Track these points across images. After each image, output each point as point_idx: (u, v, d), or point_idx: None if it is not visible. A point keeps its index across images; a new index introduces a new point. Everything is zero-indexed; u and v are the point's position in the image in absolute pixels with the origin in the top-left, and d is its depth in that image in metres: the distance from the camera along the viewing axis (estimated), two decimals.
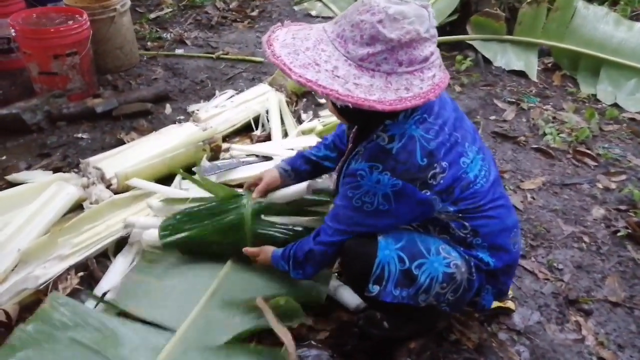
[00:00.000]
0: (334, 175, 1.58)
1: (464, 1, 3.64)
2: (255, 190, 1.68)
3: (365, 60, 1.10)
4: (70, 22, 2.91)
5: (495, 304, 1.79)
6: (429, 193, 1.25)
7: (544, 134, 2.80)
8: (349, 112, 1.19)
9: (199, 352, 1.39)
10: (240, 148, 2.47)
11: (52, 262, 1.73)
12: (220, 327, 1.47)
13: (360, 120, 1.35)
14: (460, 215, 1.33)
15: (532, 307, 1.84)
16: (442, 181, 1.26)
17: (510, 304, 1.82)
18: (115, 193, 2.11)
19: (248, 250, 1.62)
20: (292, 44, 1.14)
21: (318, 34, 1.16)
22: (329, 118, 2.82)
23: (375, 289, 1.31)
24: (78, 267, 1.77)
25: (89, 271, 1.78)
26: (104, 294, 1.68)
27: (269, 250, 1.60)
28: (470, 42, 3.56)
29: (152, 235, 1.73)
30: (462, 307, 1.54)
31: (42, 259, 1.77)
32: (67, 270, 1.73)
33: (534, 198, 2.37)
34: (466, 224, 1.35)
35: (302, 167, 1.71)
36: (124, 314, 1.52)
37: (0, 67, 3.40)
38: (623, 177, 2.53)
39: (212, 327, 1.48)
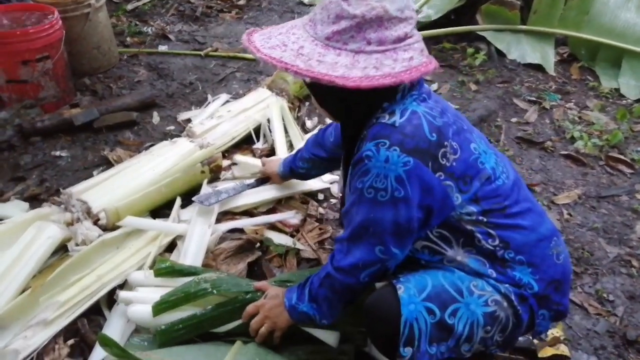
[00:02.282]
0: (339, 183, 1.50)
1: None
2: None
3: (331, 38, 1.08)
4: (40, 23, 2.55)
5: (548, 351, 1.61)
6: (443, 176, 1.12)
7: (572, 138, 2.58)
8: (332, 106, 1.22)
9: None
10: (243, 166, 2.20)
11: (34, 328, 1.45)
12: None
13: (355, 114, 1.22)
14: (485, 220, 1.16)
15: (587, 350, 1.63)
16: (454, 163, 1.14)
17: (563, 349, 1.61)
18: (105, 229, 1.83)
19: (248, 311, 1.39)
20: (268, 32, 1.17)
21: (294, 22, 1.18)
22: None
23: (407, 352, 1.12)
24: (67, 332, 1.49)
25: (80, 336, 1.50)
26: None
27: (278, 291, 1.38)
28: (481, 33, 3.29)
29: (141, 312, 1.44)
30: (513, 345, 1.38)
31: (22, 321, 1.49)
32: (54, 338, 1.45)
33: (570, 215, 2.15)
34: (493, 232, 1.17)
35: (301, 168, 1.86)
36: None
37: None
38: None
39: None
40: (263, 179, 2.06)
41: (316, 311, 1.27)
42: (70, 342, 1.46)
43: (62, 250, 1.77)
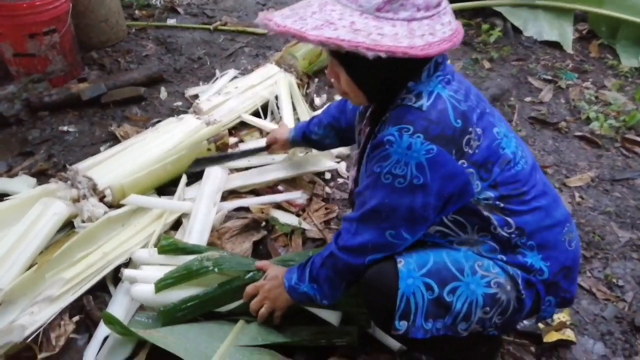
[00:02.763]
0: (352, 169, 1.39)
1: None
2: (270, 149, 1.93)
3: (381, 9, 0.99)
4: None
5: (554, 335, 1.59)
6: (465, 164, 1.09)
7: (588, 119, 2.51)
8: (369, 85, 1.13)
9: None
10: (249, 146, 2.18)
11: (40, 304, 1.46)
12: None
13: (380, 92, 1.17)
14: (502, 206, 1.14)
15: (594, 335, 1.61)
16: (477, 150, 1.10)
17: (569, 334, 1.59)
18: (110, 206, 1.83)
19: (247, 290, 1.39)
20: (294, 14, 1.04)
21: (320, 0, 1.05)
22: None
23: (402, 325, 1.11)
24: (72, 308, 1.51)
25: (86, 312, 1.51)
26: (106, 338, 1.43)
27: (278, 271, 1.38)
28: (497, 8, 3.19)
29: (145, 291, 1.45)
30: (513, 328, 1.39)
31: (28, 297, 1.51)
32: (60, 315, 1.46)
33: (582, 197, 2.11)
34: (510, 220, 1.14)
35: (310, 135, 1.78)
36: None
37: None
38: None
39: None
40: (263, 147, 1.99)
41: (317, 291, 1.26)
42: (76, 318, 1.47)
43: (68, 226, 1.78)
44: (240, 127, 2.36)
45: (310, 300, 1.28)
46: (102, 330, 1.44)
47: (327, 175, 2.13)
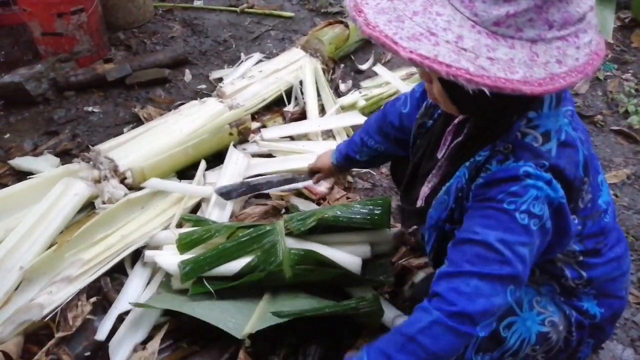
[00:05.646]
0: (425, 185, 1.13)
1: None
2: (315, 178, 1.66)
3: (502, 24, 0.76)
4: None
5: None
6: (576, 220, 0.98)
7: (626, 112, 2.39)
8: (466, 106, 0.91)
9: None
10: (272, 131, 2.14)
11: (59, 284, 1.47)
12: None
13: (480, 114, 0.96)
14: (581, 259, 1.06)
15: (623, 341, 1.54)
16: (587, 204, 0.98)
17: None
18: (130, 188, 1.83)
19: None
20: (391, 8, 0.80)
21: None
22: (371, 90, 2.44)
23: None
24: (90, 289, 1.51)
25: (103, 294, 1.52)
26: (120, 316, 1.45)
27: None
28: None
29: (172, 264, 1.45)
30: None
31: (47, 276, 1.52)
32: (78, 295, 1.47)
33: (617, 195, 2.01)
34: (583, 273, 1.07)
35: (355, 157, 1.48)
36: None
37: (1, 22, 3.05)
38: None
39: None
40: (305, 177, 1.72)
41: None
42: (93, 299, 1.48)
43: (89, 207, 1.79)
44: (263, 112, 2.33)
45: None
46: (116, 309, 1.45)
47: None
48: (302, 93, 2.36)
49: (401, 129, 1.34)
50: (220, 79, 2.57)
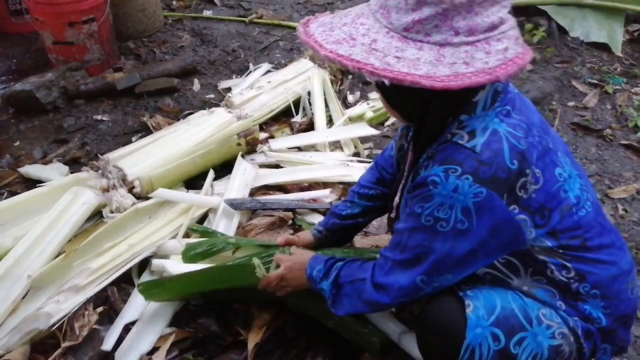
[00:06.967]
0: (396, 198, 1.27)
1: None
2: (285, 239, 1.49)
3: (410, 29, 0.91)
4: None
5: None
6: (517, 210, 0.99)
7: (636, 126, 2.38)
8: (401, 108, 1.07)
9: None
10: (280, 142, 2.15)
11: (66, 293, 1.47)
12: None
13: (422, 115, 1.05)
14: (562, 252, 1.05)
15: (634, 359, 1.52)
16: (534, 195, 1.00)
17: None
18: (139, 197, 1.83)
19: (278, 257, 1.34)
20: (329, 22, 0.99)
21: (360, 9, 0.99)
22: (379, 101, 2.45)
23: None
24: (97, 299, 1.51)
25: (109, 304, 1.52)
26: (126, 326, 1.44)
27: (305, 253, 1.34)
28: (542, 7, 3.06)
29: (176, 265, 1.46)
30: None
31: (55, 285, 1.52)
32: (85, 305, 1.47)
33: (626, 210, 2.00)
34: (569, 265, 1.06)
35: (336, 224, 1.48)
36: None
37: (13, 30, 3.10)
38: None
39: None
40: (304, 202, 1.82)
41: (333, 298, 1.20)
42: (100, 309, 1.48)
43: (97, 215, 1.79)
44: (271, 123, 2.34)
45: (322, 297, 1.23)
46: (122, 319, 1.45)
47: (357, 178, 2.08)
48: (310, 104, 2.37)
49: (395, 172, 1.40)
50: (229, 89, 2.58)
